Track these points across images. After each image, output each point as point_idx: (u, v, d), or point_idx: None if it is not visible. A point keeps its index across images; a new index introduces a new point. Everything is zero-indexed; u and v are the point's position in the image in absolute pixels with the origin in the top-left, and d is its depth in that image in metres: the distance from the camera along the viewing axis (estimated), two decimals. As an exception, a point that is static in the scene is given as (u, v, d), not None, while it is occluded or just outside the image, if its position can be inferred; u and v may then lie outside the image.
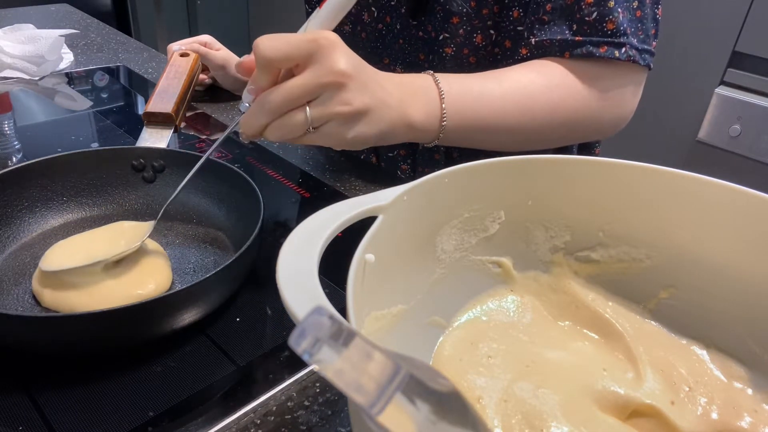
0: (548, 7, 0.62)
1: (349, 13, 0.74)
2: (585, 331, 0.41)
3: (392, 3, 0.71)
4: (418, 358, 0.22)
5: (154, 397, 0.40)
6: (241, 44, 2.65)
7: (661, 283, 0.40)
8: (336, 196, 0.68)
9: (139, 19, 2.38)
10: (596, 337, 0.41)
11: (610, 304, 0.42)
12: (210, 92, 0.95)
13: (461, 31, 0.67)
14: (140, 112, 0.86)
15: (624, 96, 0.65)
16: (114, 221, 0.57)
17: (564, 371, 0.38)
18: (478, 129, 0.60)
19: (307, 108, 0.50)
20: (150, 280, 0.48)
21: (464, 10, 0.65)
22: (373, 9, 0.73)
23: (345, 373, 0.17)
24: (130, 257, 0.49)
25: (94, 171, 0.58)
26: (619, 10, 0.60)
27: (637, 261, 0.41)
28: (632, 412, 0.36)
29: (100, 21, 1.29)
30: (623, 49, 0.61)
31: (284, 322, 0.48)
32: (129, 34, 1.86)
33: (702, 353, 0.39)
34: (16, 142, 0.76)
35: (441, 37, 0.68)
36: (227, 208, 0.57)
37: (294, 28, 0.56)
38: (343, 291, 0.32)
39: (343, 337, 0.17)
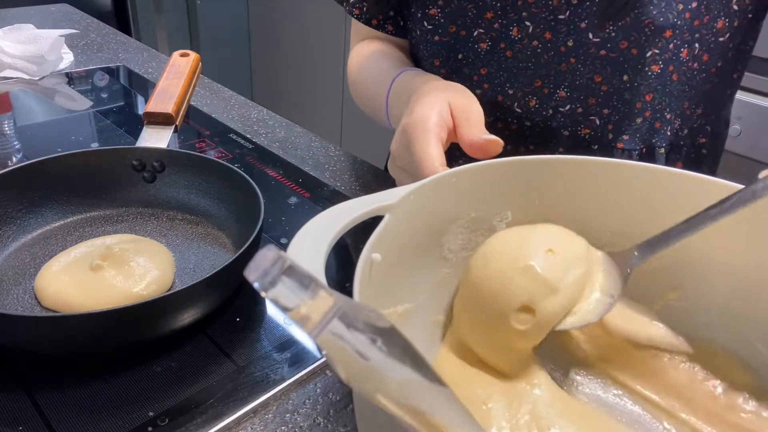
0: None
1: (489, 28, 0.65)
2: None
3: (561, 17, 0.62)
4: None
5: (154, 397, 0.40)
6: (241, 44, 2.66)
7: (669, 284, 0.40)
8: (336, 196, 0.67)
9: (139, 19, 2.37)
10: (601, 337, 0.41)
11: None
12: (210, 92, 0.95)
13: (671, 45, 0.61)
14: (140, 112, 0.86)
15: None
16: (114, 221, 0.57)
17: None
18: None
19: None
20: (150, 280, 0.47)
21: (678, 22, 0.60)
22: (527, 23, 0.64)
23: (288, 299, 0.19)
24: (130, 257, 0.48)
25: (94, 171, 0.57)
26: None
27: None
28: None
29: (100, 21, 1.29)
30: None
31: (284, 322, 0.48)
32: (129, 34, 1.85)
33: (707, 355, 0.39)
34: (16, 142, 0.75)
35: (649, 54, 0.61)
36: (227, 208, 0.57)
37: (294, 27, 0.55)
38: (347, 291, 0.32)
39: (291, 270, 0.19)
